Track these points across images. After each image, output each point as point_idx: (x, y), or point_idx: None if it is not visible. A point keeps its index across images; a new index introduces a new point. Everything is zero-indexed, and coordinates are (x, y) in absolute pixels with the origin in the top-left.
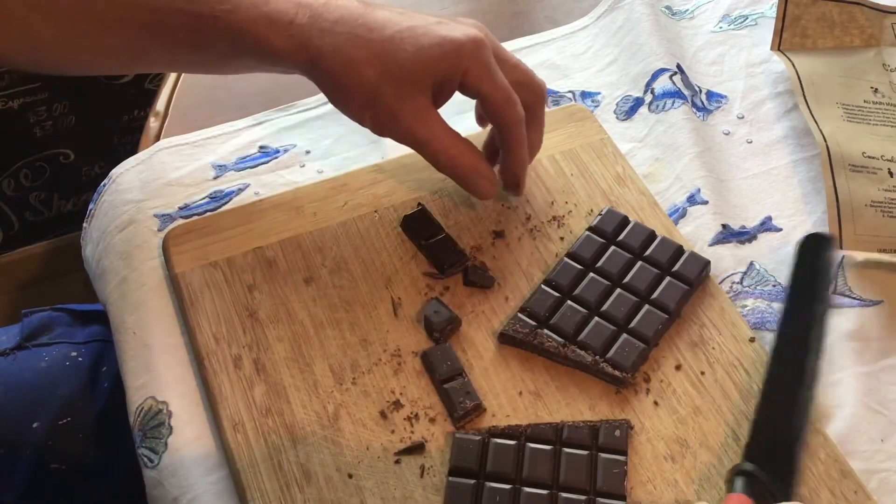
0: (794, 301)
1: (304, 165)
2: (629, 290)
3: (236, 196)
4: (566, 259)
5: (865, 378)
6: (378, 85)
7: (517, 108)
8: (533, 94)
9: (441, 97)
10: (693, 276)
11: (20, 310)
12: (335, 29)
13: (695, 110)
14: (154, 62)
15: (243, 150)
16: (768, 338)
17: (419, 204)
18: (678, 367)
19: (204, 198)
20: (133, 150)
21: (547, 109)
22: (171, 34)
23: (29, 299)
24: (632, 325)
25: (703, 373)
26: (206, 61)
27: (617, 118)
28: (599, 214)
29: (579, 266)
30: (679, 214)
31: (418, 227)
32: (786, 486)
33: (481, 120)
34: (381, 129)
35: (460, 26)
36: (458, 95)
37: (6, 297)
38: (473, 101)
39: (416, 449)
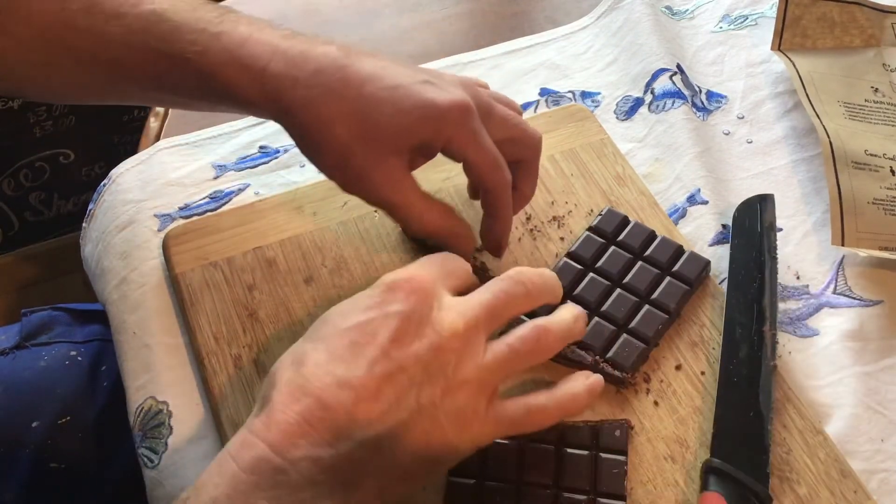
0: (740, 265)
1: (304, 165)
2: (629, 290)
3: (236, 196)
4: (566, 259)
5: (865, 378)
6: (349, 145)
7: (503, 173)
8: (526, 149)
9: (421, 159)
10: (693, 276)
11: (20, 310)
12: (311, 81)
13: (695, 110)
14: (129, 97)
15: (243, 150)
16: None
17: None
18: (678, 367)
19: (204, 198)
20: (133, 150)
21: (547, 109)
22: (141, 72)
23: (29, 299)
24: (632, 325)
25: (703, 373)
26: (178, 101)
27: (617, 118)
28: (599, 214)
29: (579, 266)
30: (679, 214)
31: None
32: (757, 475)
33: (474, 193)
34: (350, 188)
35: (448, 87)
36: None
37: (6, 297)
38: None
39: None
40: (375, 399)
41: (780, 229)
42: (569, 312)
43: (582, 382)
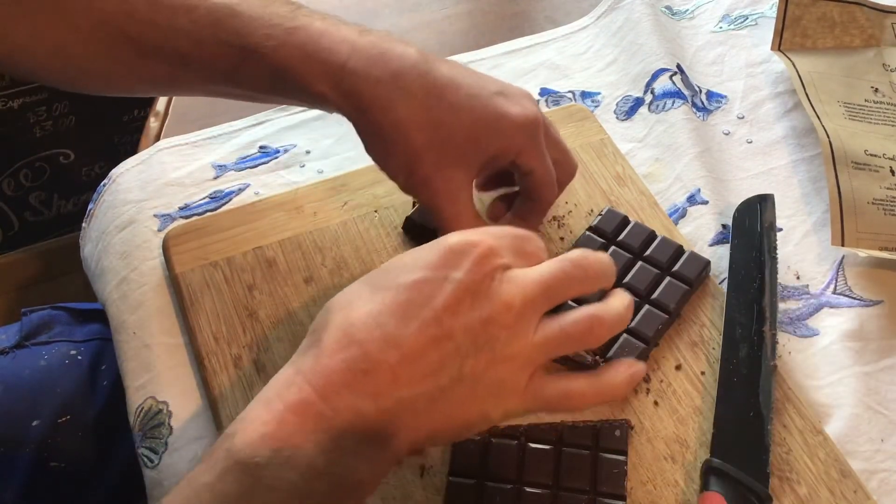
0: (740, 265)
1: (304, 165)
2: (629, 289)
3: (236, 196)
4: None
5: (865, 378)
6: (421, 152)
7: (555, 189)
8: (565, 175)
9: (488, 168)
10: (693, 276)
11: (20, 309)
12: (391, 83)
13: (695, 110)
14: (192, 90)
15: (243, 150)
16: None
17: (415, 202)
18: (678, 367)
19: (204, 198)
20: (133, 150)
21: (547, 109)
22: (210, 66)
23: (29, 299)
24: (632, 324)
25: (703, 373)
26: (243, 94)
27: (617, 118)
28: (599, 214)
29: None
30: (679, 214)
31: (421, 225)
32: (757, 475)
33: (495, 213)
34: (408, 189)
35: (520, 100)
36: None
37: (6, 297)
38: None
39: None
40: (419, 362)
41: (780, 229)
42: (620, 302)
43: (624, 371)
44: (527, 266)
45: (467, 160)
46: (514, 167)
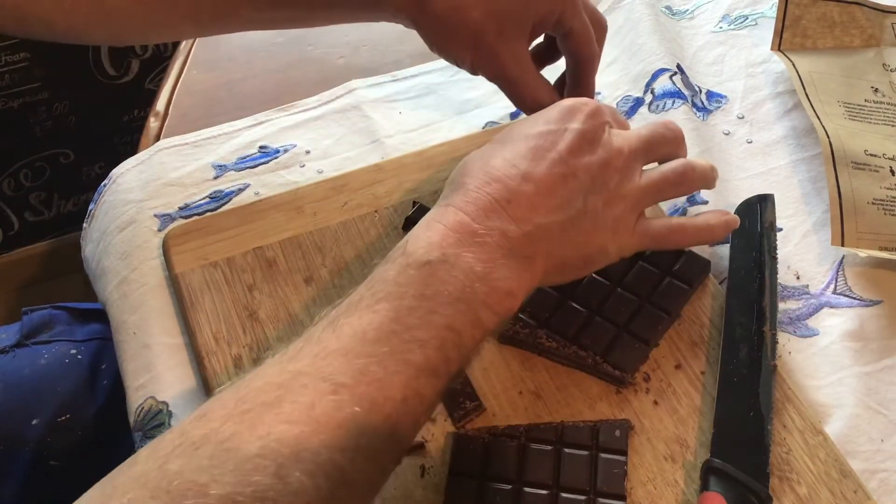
0: (740, 265)
1: (304, 165)
2: (629, 290)
3: (236, 196)
4: None
5: (865, 378)
6: (483, 26)
7: (595, 44)
8: (600, 29)
9: (534, 35)
10: (693, 277)
11: (20, 309)
12: None
13: (695, 110)
14: (238, 18)
15: (243, 150)
16: None
17: (415, 202)
18: (678, 367)
19: (204, 198)
20: (133, 150)
21: None
22: None
23: (29, 299)
24: (632, 325)
25: (703, 373)
26: (298, 15)
27: None
28: None
29: None
30: (679, 214)
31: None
32: (757, 475)
33: (544, 58)
34: (478, 68)
35: None
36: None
37: (6, 296)
38: (469, 103)
39: (417, 449)
40: (551, 194)
41: (780, 229)
42: (707, 163)
43: (720, 215)
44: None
45: (522, 27)
46: (557, 28)
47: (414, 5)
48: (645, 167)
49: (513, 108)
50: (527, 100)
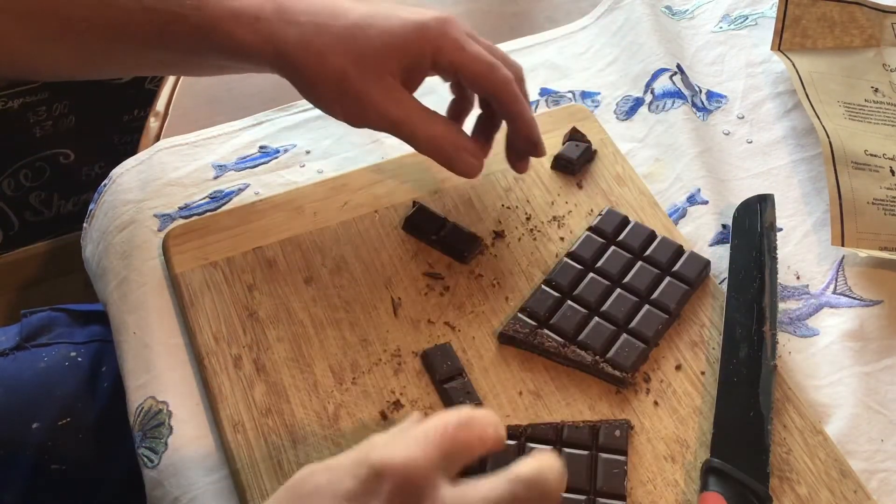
0: (740, 265)
1: (304, 165)
2: (629, 290)
3: (236, 196)
4: (566, 259)
5: (865, 378)
6: (345, 71)
7: (501, 70)
8: (512, 70)
9: (412, 81)
10: (693, 276)
11: (20, 310)
12: (301, 19)
13: (695, 110)
14: (128, 63)
15: (243, 150)
16: None
17: (415, 202)
18: (678, 367)
19: (204, 198)
20: (133, 150)
21: (547, 110)
22: (140, 32)
23: (29, 299)
24: (632, 325)
25: (703, 373)
26: (175, 60)
27: (617, 118)
28: (600, 214)
29: (579, 266)
30: (679, 214)
31: (422, 224)
32: (757, 475)
33: (457, 107)
34: (353, 117)
35: (426, 11)
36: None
37: (6, 297)
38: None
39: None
40: None
41: (780, 229)
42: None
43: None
44: (469, 460)
45: (389, 68)
46: (441, 69)
47: (275, 56)
48: None
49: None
50: (420, 139)
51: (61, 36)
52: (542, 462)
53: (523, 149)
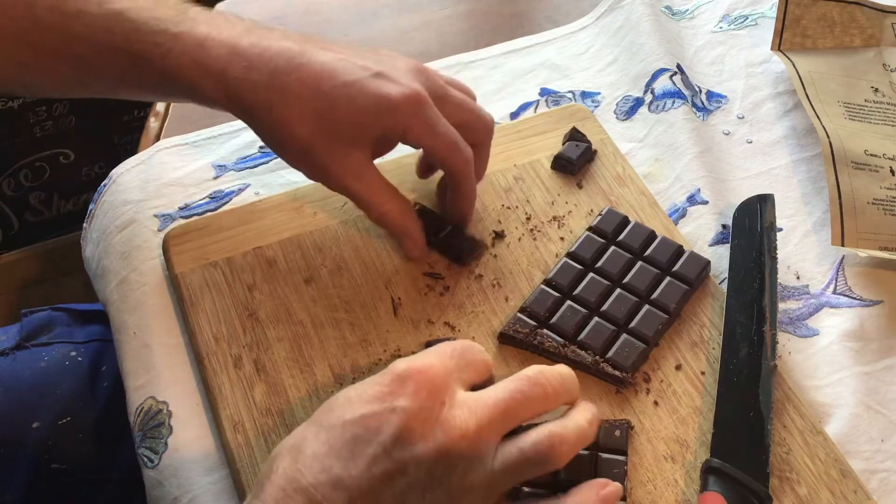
0: (740, 265)
1: None
2: (629, 290)
3: (236, 196)
4: (566, 259)
5: (866, 378)
6: (311, 143)
7: (463, 152)
8: (479, 133)
9: (382, 149)
10: (693, 276)
11: (20, 310)
12: (269, 84)
13: (695, 110)
14: (98, 92)
15: (243, 150)
16: None
17: (416, 203)
18: (678, 367)
19: (204, 198)
20: (133, 150)
21: (547, 109)
22: (107, 70)
23: (29, 299)
24: (632, 325)
25: (703, 373)
26: (144, 96)
27: (617, 118)
28: (599, 214)
29: (579, 266)
30: (679, 214)
31: (423, 225)
32: (757, 475)
33: (424, 172)
34: (315, 178)
35: (401, 78)
36: None
37: (6, 297)
38: None
39: None
40: (371, 502)
41: (780, 229)
42: (583, 416)
43: (595, 494)
44: (476, 379)
45: (357, 142)
46: (407, 144)
47: (241, 113)
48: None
49: (515, 107)
50: (372, 214)
51: (32, 65)
52: (543, 367)
53: (453, 217)
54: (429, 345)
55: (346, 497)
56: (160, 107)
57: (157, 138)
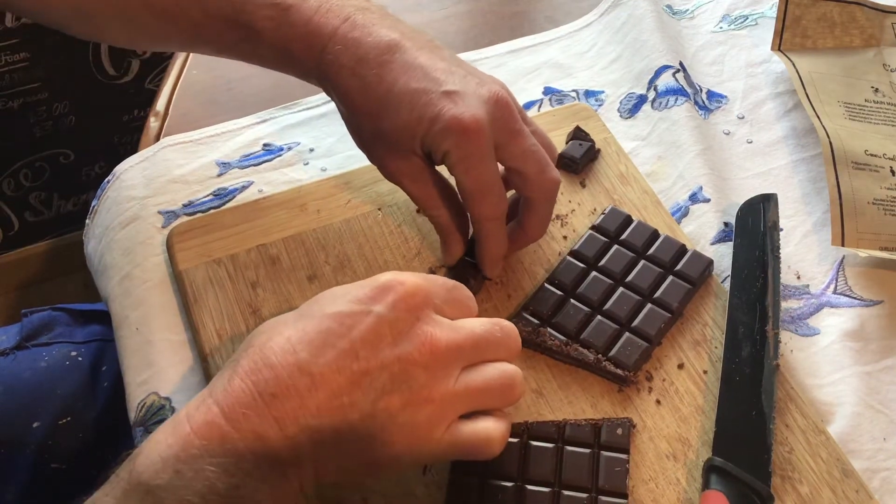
0: (743, 264)
1: (307, 163)
2: (632, 288)
3: (240, 193)
4: (569, 257)
5: (867, 378)
6: (372, 140)
7: (492, 206)
8: (539, 191)
9: (434, 162)
10: (696, 275)
11: (20, 310)
12: (354, 71)
13: (697, 108)
14: (207, 53)
15: (247, 147)
16: None
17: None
18: (681, 366)
19: (208, 195)
20: (133, 150)
21: (550, 108)
22: (219, 37)
23: (29, 299)
24: (634, 323)
25: (705, 371)
26: (254, 62)
27: (620, 116)
28: (603, 213)
29: (582, 264)
30: (682, 213)
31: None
32: (759, 474)
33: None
34: (377, 166)
35: (469, 103)
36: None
37: (6, 297)
38: None
39: None
40: (329, 392)
41: (781, 229)
42: (523, 384)
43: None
44: (458, 316)
45: (411, 150)
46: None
47: (332, 96)
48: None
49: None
50: (425, 211)
51: (150, 25)
52: (506, 322)
53: (478, 260)
54: (431, 272)
55: (308, 382)
56: (160, 107)
57: (157, 138)
